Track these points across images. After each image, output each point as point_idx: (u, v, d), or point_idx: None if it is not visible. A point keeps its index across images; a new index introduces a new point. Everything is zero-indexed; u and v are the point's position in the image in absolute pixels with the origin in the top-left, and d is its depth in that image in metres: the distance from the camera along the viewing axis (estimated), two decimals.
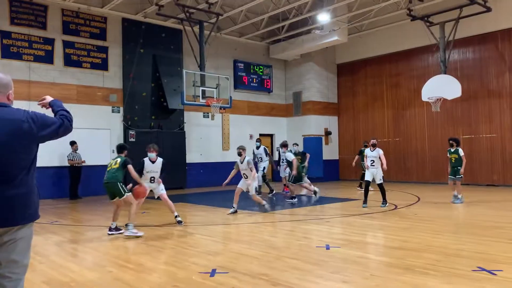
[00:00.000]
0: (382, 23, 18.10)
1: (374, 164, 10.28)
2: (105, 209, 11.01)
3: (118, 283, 4.64)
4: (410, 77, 18.44)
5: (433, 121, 17.56)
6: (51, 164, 13.71)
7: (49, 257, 5.90)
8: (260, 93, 20.36)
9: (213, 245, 6.73)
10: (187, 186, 17.13)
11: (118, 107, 15.70)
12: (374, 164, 10.27)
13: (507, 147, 15.70)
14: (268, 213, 10.01)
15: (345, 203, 11.75)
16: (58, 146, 12.80)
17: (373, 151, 10.39)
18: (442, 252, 5.66)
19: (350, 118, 20.87)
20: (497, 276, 4.53)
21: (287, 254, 5.75)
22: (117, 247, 6.59)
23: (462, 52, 16.85)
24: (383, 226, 8.04)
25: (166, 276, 4.88)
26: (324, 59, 20.76)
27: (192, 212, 10.72)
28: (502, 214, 9.19)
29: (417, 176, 17.99)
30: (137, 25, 16.14)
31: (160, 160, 8.35)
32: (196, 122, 17.88)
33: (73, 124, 2.83)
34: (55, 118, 2.74)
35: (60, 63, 14.50)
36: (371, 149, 10.46)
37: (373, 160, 10.31)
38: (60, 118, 2.76)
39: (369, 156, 10.42)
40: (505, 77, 15.83)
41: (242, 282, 4.53)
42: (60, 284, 4.65)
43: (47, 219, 9.26)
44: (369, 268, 5.05)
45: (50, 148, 11.53)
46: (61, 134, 2.72)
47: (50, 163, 13.58)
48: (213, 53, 17.85)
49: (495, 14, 15.10)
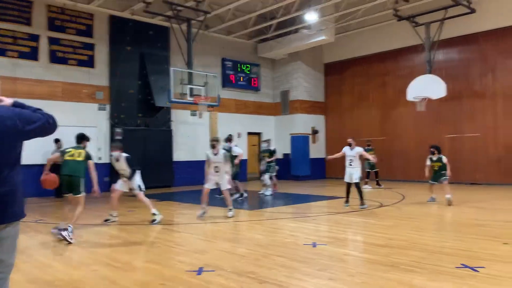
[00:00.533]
0: (368, 23, 18.25)
1: (352, 164, 10.00)
2: (89, 207, 10.91)
3: (104, 281, 4.61)
4: (396, 77, 18.62)
5: (419, 121, 17.75)
6: (35, 161, 13.49)
7: (33, 256, 5.83)
8: (248, 91, 20.36)
9: (200, 243, 6.73)
10: (174, 184, 17.06)
11: (105, 105, 15.56)
12: (352, 164, 10.00)
13: (489, 146, 15.97)
14: (255, 211, 10.02)
15: (332, 201, 11.83)
16: (43, 144, 12.57)
17: (352, 150, 10.07)
18: (427, 250, 5.75)
19: (337, 117, 21.00)
20: (480, 273, 4.62)
21: (274, 252, 5.78)
22: (102, 246, 6.55)
23: (447, 52, 17.07)
24: (369, 223, 8.12)
25: (153, 274, 4.86)
26: (312, 58, 20.85)
27: (179, 210, 10.70)
28: (484, 212, 9.35)
29: (402, 175, 18.17)
30: (124, 22, 16.01)
31: (124, 156, 8.26)
32: (184, 120, 17.81)
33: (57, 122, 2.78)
34: (39, 115, 2.70)
35: (45, 60, 14.31)
36: (351, 148, 10.09)
37: (351, 160, 10.02)
38: (42, 115, 2.72)
39: (347, 156, 10.10)
40: (488, 78, 16.09)
41: (229, 280, 4.54)
42: (45, 283, 4.61)
43: (32, 217, 9.15)
44: (355, 266, 5.11)
45: (34, 146, 11.32)
46: (47, 131, 2.68)
47: (34, 160, 13.37)
48: (201, 51, 17.79)
49: (479, 16, 15.33)
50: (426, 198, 11.26)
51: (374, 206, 10.25)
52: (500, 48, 15.80)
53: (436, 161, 10.75)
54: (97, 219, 8.70)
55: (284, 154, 20.33)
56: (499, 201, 11.41)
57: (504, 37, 15.65)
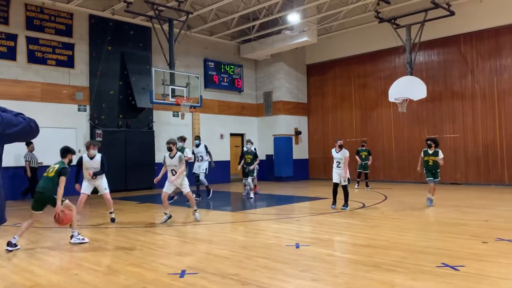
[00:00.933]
0: (350, 24, 18.43)
1: (340, 165, 9.92)
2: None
3: (85, 285, 4.53)
4: (378, 78, 18.84)
5: (400, 122, 18.00)
6: (8, 164, 13.12)
7: (11, 261, 5.69)
8: (231, 92, 20.31)
9: (182, 245, 6.66)
10: (156, 186, 16.86)
11: (85, 106, 15.32)
12: (340, 166, 9.92)
13: (469, 147, 16.27)
14: (238, 213, 9.98)
15: (314, 202, 11.88)
16: (15, 146, 12.34)
17: (339, 152, 9.98)
18: (408, 249, 5.81)
19: (319, 118, 21.12)
20: (460, 272, 4.68)
21: (257, 254, 5.76)
22: (83, 249, 6.43)
23: (427, 54, 17.35)
24: (351, 224, 8.17)
25: (134, 278, 4.79)
26: (294, 59, 20.93)
27: (161, 212, 10.57)
28: (464, 211, 9.51)
29: (384, 175, 18.38)
30: (105, 22, 15.80)
31: (100, 155, 8.40)
32: (166, 121, 17.66)
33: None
34: (21, 119, 2.63)
35: (23, 59, 14.02)
36: (337, 150, 10.01)
37: (339, 162, 9.95)
38: (24, 119, 2.65)
39: (335, 158, 10.02)
40: (468, 79, 16.39)
41: (212, 282, 4.50)
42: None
43: (10, 221, 8.93)
44: (338, 266, 5.12)
45: (7, 149, 11.02)
46: (28, 135, 2.62)
47: (7, 163, 12.97)
48: (183, 52, 17.69)
49: (458, 18, 15.63)
50: (407, 198, 11.35)
51: (357, 207, 10.31)
52: (479, 50, 16.12)
53: (431, 155, 10.17)
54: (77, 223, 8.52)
55: (267, 155, 20.33)
56: (479, 200, 11.61)
57: (482, 39, 15.98)
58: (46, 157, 13.68)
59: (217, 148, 17.56)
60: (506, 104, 15.49)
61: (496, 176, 15.62)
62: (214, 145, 17.05)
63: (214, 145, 17.05)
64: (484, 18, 15.69)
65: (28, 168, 13.11)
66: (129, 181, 15.82)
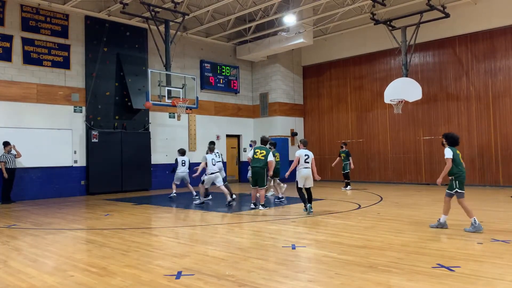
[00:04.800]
0: (346, 26, 18.49)
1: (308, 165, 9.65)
2: (66, 211, 10.70)
3: (81, 287, 4.51)
4: (373, 80, 18.90)
5: (395, 123, 18.06)
6: None
7: (6, 262, 5.67)
8: (227, 93, 20.32)
9: (179, 247, 6.66)
10: (152, 187, 16.87)
11: (81, 107, 15.29)
12: (308, 166, 9.66)
13: (464, 148, 16.31)
14: (234, 214, 9.98)
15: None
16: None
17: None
18: (404, 250, 5.83)
19: (315, 119, 21.16)
20: (455, 272, 4.71)
21: (253, 255, 5.76)
22: (79, 251, 6.41)
23: (422, 56, 17.43)
24: (347, 225, 8.19)
25: (130, 279, 4.78)
26: (290, 60, 20.97)
27: (157, 214, 10.57)
28: (460, 212, 9.53)
29: (379, 176, 18.43)
30: (101, 23, 15.78)
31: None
32: (162, 122, 17.64)
33: None
34: None
35: (18, 61, 13.97)
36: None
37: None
38: None
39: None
40: (462, 81, 16.48)
41: (208, 283, 4.50)
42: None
43: (4, 222, 8.91)
44: (334, 267, 5.13)
45: None
46: None
47: None
48: (179, 53, 17.69)
49: (453, 20, 15.74)
50: (402, 199, 11.31)
51: (353, 208, 10.34)
52: (473, 51, 16.21)
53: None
54: (72, 224, 8.52)
55: None
56: (473, 201, 11.64)
57: (477, 41, 16.07)
58: (40, 158, 13.63)
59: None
60: (501, 106, 15.58)
61: (491, 177, 15.70)
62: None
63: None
64: (479, 20, 15.79)
65: (3, 170, 12.73)
66: (125, 183, 15.77)
